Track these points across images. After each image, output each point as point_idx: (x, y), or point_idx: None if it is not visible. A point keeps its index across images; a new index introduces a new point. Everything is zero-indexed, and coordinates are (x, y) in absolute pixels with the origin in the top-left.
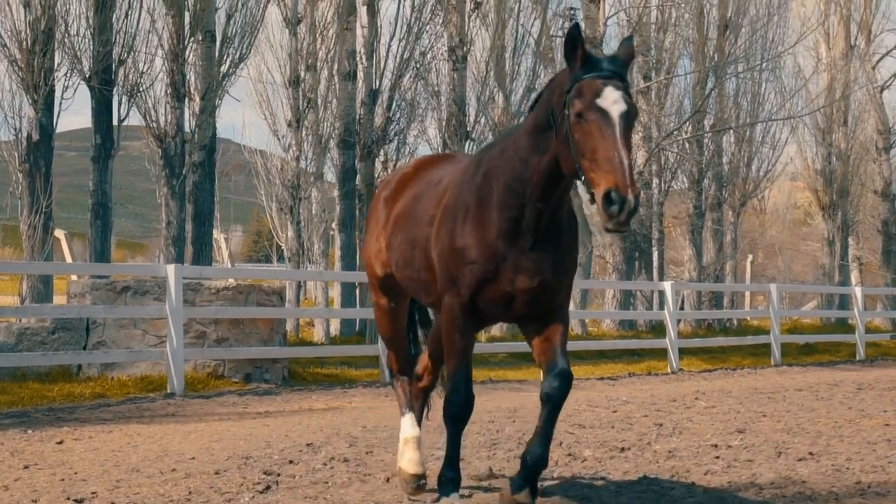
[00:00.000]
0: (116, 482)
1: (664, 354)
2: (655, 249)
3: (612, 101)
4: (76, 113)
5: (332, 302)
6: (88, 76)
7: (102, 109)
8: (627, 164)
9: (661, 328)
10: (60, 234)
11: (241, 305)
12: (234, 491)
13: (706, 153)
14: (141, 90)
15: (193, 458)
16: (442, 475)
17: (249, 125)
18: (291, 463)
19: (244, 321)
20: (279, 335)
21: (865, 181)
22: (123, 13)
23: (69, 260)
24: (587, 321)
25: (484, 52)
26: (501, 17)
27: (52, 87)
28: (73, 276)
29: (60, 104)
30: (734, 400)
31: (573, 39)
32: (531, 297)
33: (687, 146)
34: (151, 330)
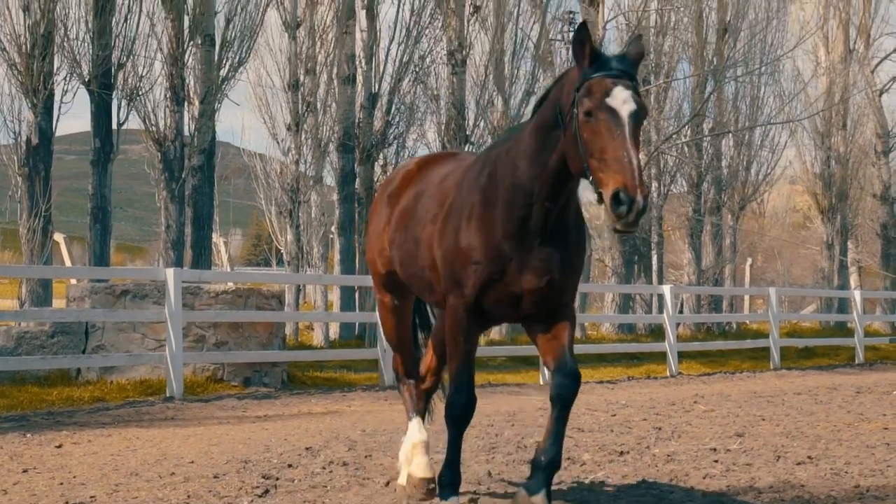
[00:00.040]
0: (115, 486)
1: (663, 358)
2: (655, 253)
3: (621, 100)
4: (76, 116)
5: (331, 306)
6: (88, 80)
7: (102, 113)
8: (637, 164)
9: (660, 332)
10: (60, 237)
11: (240, 309)
12: (232, 495)
13: (705, 157)
14: (140, 94)
15: (192, 461)
16: (442, 477)
17: (249, 129)
18: (290, 467)
19: (243, 325)
20: (278, 339)
21: (864, 185)
22: (123, 17)
23: (68, 263)
24: (586, 324)
25: (483, 55)
26: (500, 20)
27: (51, 90)
28: (72, 279)
29: (60, 108)
30: (733, 404)
31: (581, 38)
32: (539, 296)
33: (686, 150)
34: (150, 334)
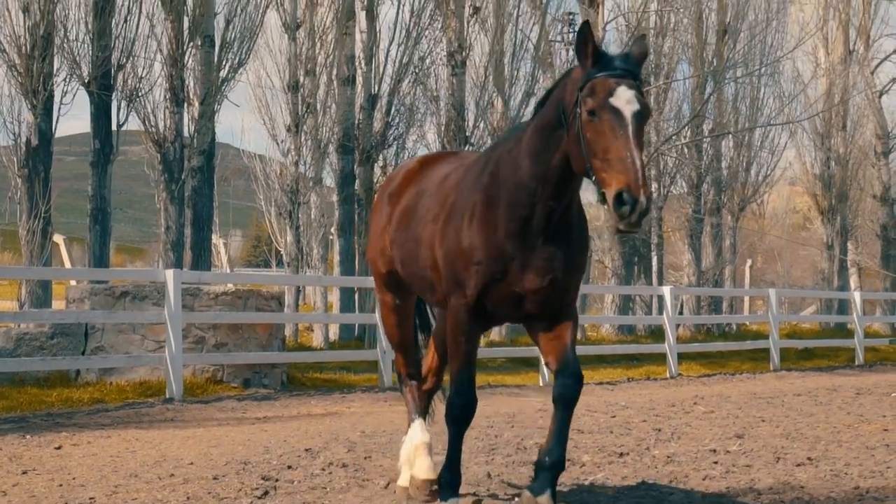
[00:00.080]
0: (115, 487)
1: (663, 359)
2: (654, 254)
3: (625, 100)
4: (75, 118)
5: (330, 307)
6: (87, 81)
7: (101, 114)
8: (640, 164)
9: (660, 333)
10: (59, 238)
11: (239, 310)
12: (232, 496)
13: (705, 158)
14: (140, 95)
15: (192, 463)
16: (442, 477)
17: (248, 130)
18: (290, 468)
19: (243, 326)
20: (278, 340)
21: (864, 186)
22: (122, 18)
23: (68, 265)
24: (586, 326)
25: (483, 56)
26: (500, 21)
27: (51, 91)
28: (71, 281)
29: (59, 109)
30: (733, 405)
31: (584, 37)
32: (542, 296)
33: (686, 151)
34: (150, 335)
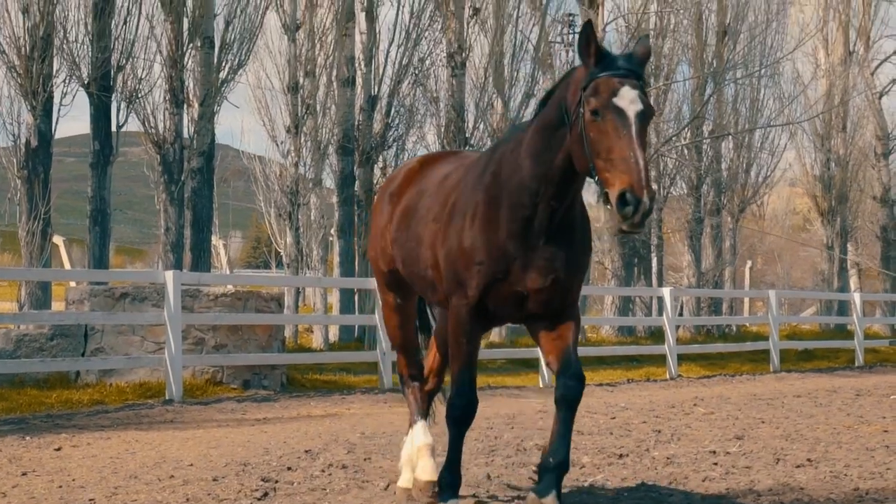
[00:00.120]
0: (114, 489)
1: (663, 360)
2: (654, 255)
3: (628, 100)
4: (75, 119)
5: (330, 308)
6: (87, 82)
7: (101, 115)
8: (643, 164)
9: (659, 334)
10: (59, 240)
11: (239, 312)
12: (231, 498)
13: (705, 159)
14: (140, 96)
15: (191, 464)
16: (442, 478)
17: (248, 131)
18: (289, 470)
19: (242, 328)
20: (278, 341)
21: (864, 187)
22: (122, 19)
23: (68, 266)
24: (586, 327)
25: (482, 58)
26: (500, 23)
27: (50, 93)
28: (71, 282)
29: (59, 110)
30: (733, 406)
31: (587, 37)
32: (545, 296)
33: (686, 152)
34: (150, 336)
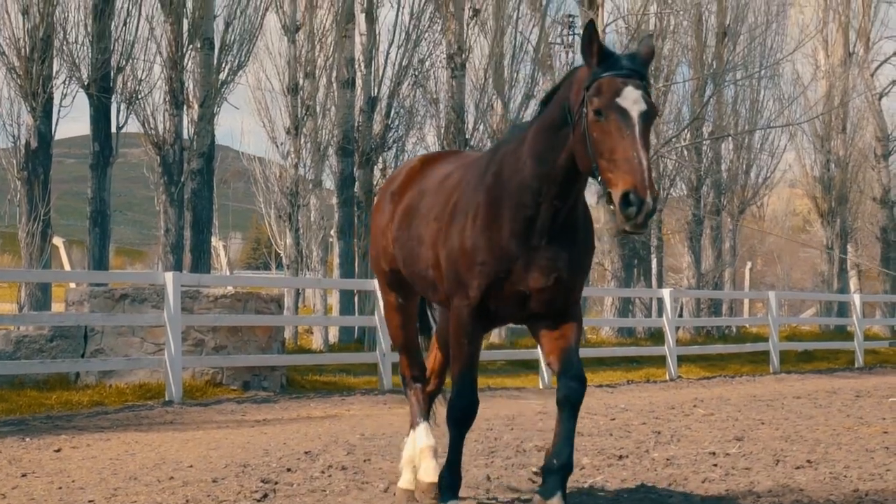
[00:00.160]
0: (114, 490)
1: (663, 362)
2: (654, 257)
3: (632, 100)
4: (75, 120)
5: (330, 309)
6: (87, 83)
7: (101, 117)
8: (646, 165)
9: (659, 335)
10: (59, 241)
11: (239, 313)
12: (231, 499)
13: (705, 160)
14: (139, 97)
15: (191, 466)
16: (442, 478)
17: (248, 132)
18: (289, 471)
19: (242, 329)
20: (277, 343)
21: (864, 188)
22: (122, 21)
23: (67, 267)
24: (586, 328)
25: (482, 59)
26: (500, 24)
27: (50, 94)
28: (71, 283)
29: (59, 111)
30: (732, 407)
31: (590, 36)
32: (547, 295)
33: (685, 153)
34: (149, 338)
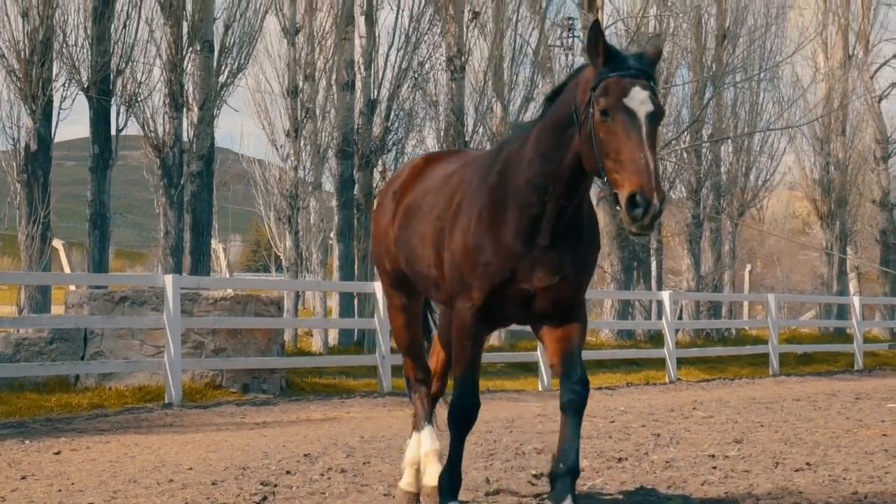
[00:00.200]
0: (113, 493)
1: (662, 364)
2: (654, 259)
3: (639, 101)
4: (74, 122)
5: (330, 312)
6: (86, 86)
7: (101, 119)
8: (653, 166)
9: (659, 338)
10: (58, 244)
11: (238, 315)
12: (230, 502)
13: (704, 163)
14: (139, 100)
15: (191, 468)
16: (442, 480)
17: (248, 135)
18: (289, 473)
19: (242, 331)
20: (277, 345)
21: (863, 191)
22: (122, 23)
23: (67, 270)
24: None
25: (482, 61)
26: (500, 26)
27: (50, 97)
28: (70, 286)
29: (59, 114)
30: (732, 410)
31: (595, 36)
32: (553, 294)
33: (685, 156)
34: (149, 340)
